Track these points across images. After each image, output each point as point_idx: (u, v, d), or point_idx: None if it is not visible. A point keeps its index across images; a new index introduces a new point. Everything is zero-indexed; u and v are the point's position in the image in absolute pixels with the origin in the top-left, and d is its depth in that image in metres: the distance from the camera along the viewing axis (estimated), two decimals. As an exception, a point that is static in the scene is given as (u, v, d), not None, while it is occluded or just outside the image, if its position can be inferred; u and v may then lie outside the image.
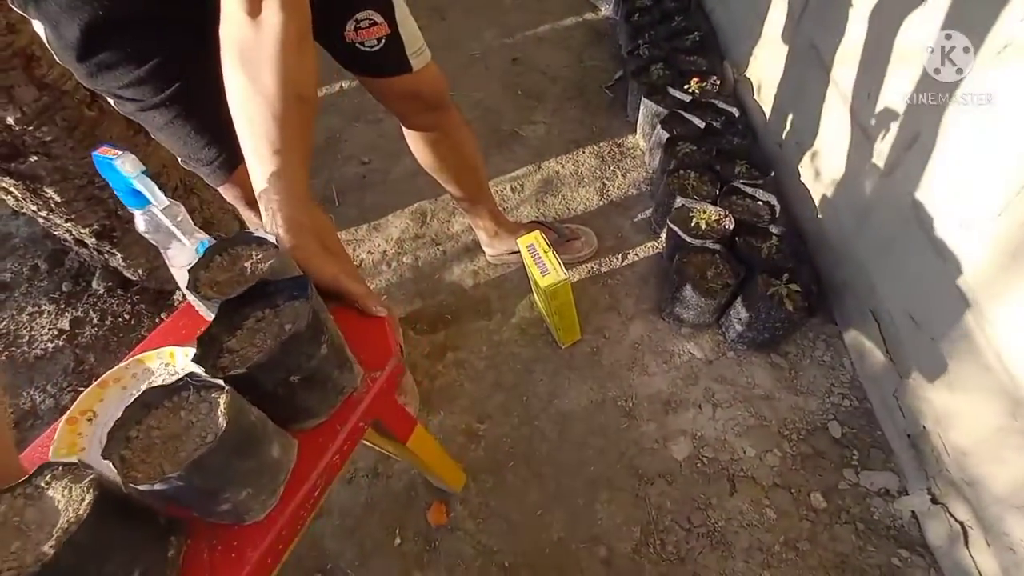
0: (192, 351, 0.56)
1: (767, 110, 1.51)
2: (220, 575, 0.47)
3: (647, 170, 1.59)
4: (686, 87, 1.55)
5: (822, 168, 1.22)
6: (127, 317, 1.38)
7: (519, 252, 1.30)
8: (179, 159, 0.81)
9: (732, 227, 1.18)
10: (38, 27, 0.65)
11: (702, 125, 1.47)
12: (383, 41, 0.85)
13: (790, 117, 1.37)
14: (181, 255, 0.58)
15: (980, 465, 0.81)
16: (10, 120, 1.04)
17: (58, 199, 1.18)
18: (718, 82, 1.60)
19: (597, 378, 1.16)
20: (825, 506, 0.96)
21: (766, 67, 1.52)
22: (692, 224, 1.22)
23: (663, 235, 1.36)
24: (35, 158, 1.11)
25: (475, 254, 1.43)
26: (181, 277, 0.61)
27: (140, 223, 0.55)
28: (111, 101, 0.73)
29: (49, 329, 1.36)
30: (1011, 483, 0.75)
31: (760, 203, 1.30)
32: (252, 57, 0.57)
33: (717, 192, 1.28)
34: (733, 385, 1.12)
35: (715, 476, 1.01)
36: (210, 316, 0.66)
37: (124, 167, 0.49)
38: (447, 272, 1.42)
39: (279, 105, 0.57)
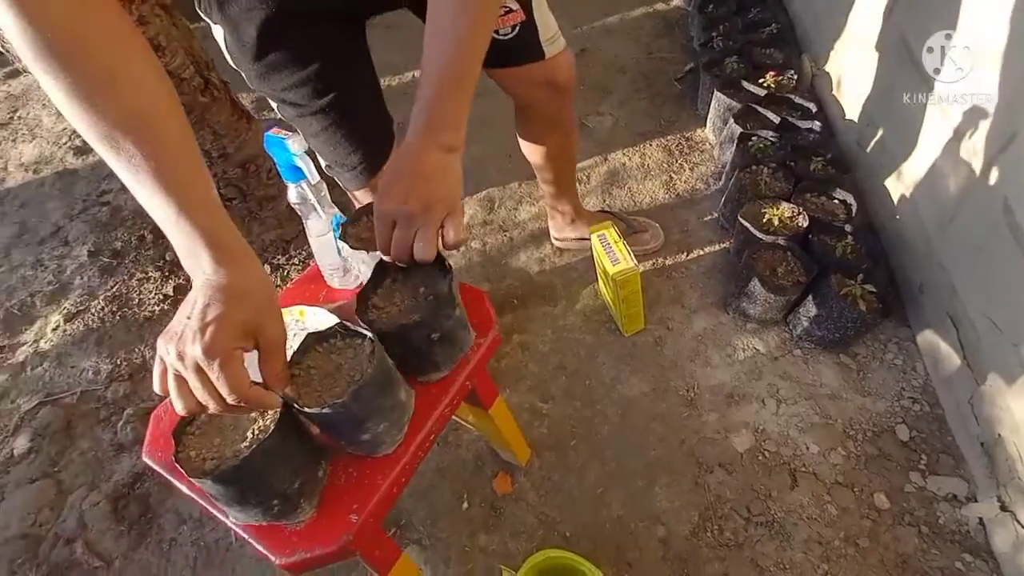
0: (318, 310, 0.64)
1: (846, 106, 1.47)
2: (355, 496, 0.56)
3: (716, 165, 1.58)
4: (761, 81, 1.53)
5: (904, 167, 1.19)
6: (222, 286, 1.52)
7: (587, 239, 1.34)
8: (324, 165, 0.89)
9: (806, 225, 1.18)
10: (217, 32, 0.74)
11: (777, 120, 1.46)
12: (517, 28, 0.83)
13: (872, 114, 1.34)
14: (318, 225, 0.66)
15: (1061, 476, 0.80)
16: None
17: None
18: (795, 76, 1.57)
19: (659, 367, 1.19)
20: (888, 507, 0.97)
21: (848, 61, 1.48)
22: (764, 220, 1.22)
23: (732, 230, 1.37)
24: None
25: (541, 241, 1.48)
26: (314, 243, 0.70)
27: (292, 194, 0.63)
28: (274, 105, 0.82)
29: (155, 293, 1.51)
30: (1095, 496, 0.74)
31: (836, 201, 1.28)
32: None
33: (791, 189, 1.28)
34: (798, 382, 1.13)
35: (776, 469, 1.03)
36: (335, 280, 0.75)
37: (293, 145, 0.57)
38: (514, 258, 1.47)
39: None
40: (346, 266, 0.74)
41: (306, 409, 0.48)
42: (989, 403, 0.94)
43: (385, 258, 0.56)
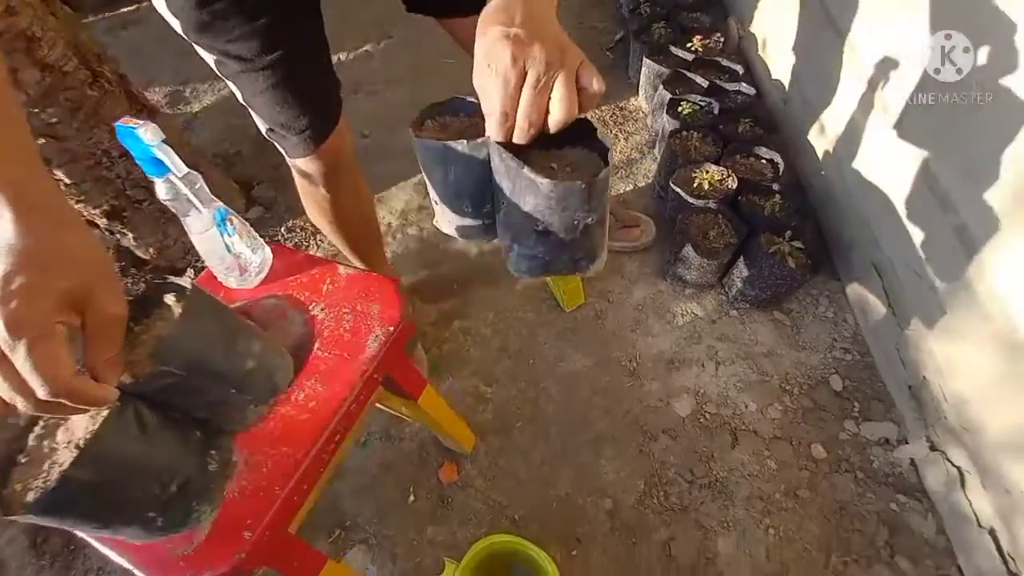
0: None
1: (772, 66, 1.48)
2: (250, 508, 0.52)
3: (650, 133, 1.57)
4: (688, 45, 1.52)
5: (827, 124, 1.20)
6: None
7: None
8: (265, 129, 0.80)
9: (735, 186, 1.18)
10: None
11: (705, 84, 1.45)
12: None
13: (796, 72, 1.34)
14: (198, 222, 0.60)
15: (979, 412, 0.82)
16: (16, 103, 1.06)
17: (67, 181, 1.20)
18: (722, 39, 1.56)
19: (601, 340, 1.18)
20: (825, 456, 0.99)
21: (772, 22, 1.48)
22: (695, 185, 1.21)
23: (668, 198, 1.36)
24: (42, 141, 1.13)
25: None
26: (198, 244, 0.64)
27: (160, 190, 0.57)
28: (212, 62, 0.73)
29: None
30: (1009, 428, 0.77)
31: (764, 161, 1.29)
32: None
33: (720, 151, 1.27)
34: (736, 343, 1.14)
35: (717, 430, 1.04)
36: (231, 280, 0.69)
37: (146, 135, 0.51)
38: (453, 242, 1.43)
39: None
40: (241, 263, 0.69)
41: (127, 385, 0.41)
42: (913, 347, 0.97)
43: (498, 137, 0.44)
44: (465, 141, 0.49)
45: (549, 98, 0.43)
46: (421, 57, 1.90)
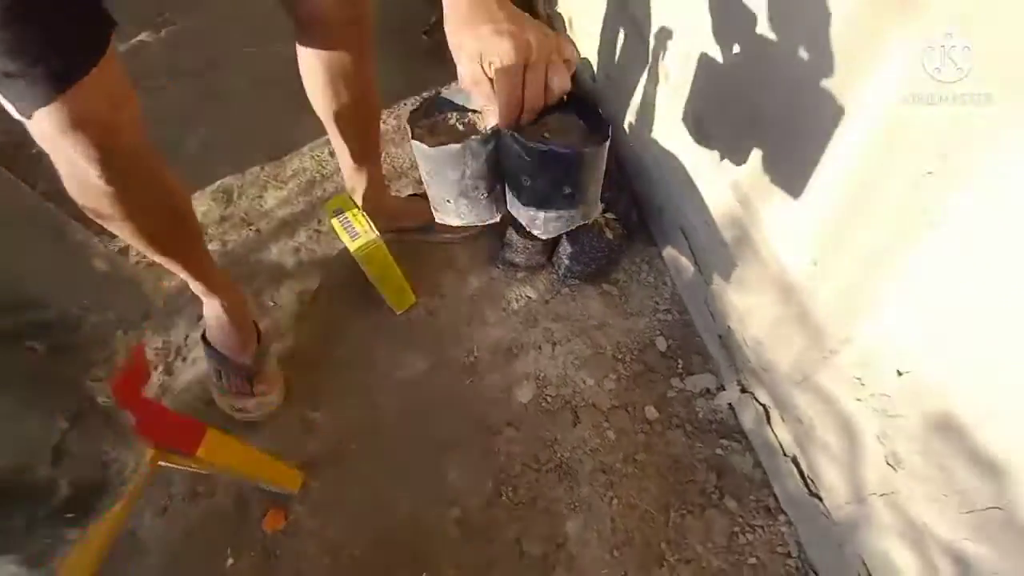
0: None
1: (579, 42, 1.50)
2: None
3: (471, 117, 1.52)
4: (498, 25, 1.49)
5: (627, 96, 1.24)
6: None
7: (405, 231, 1.19)
8: None
9: (548, 164, 1.17)
10: None
11: (516, 64, 1.43)
12: None
13: (600, 50, 1.38)
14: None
15: (770, 352, 0.89)
16: None
17: None
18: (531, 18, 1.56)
19: (436, 339, 1.11)
20: (657, 416, 1.02)
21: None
22: (512, 166, 1.18)
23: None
24: None
25: (294, 229, 1.29)
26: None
27: None
28: None
29: None
30: (791, 363, 0.84)
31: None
32: None
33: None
34: (569, 320, 1.14)
35: (559, 411, 1.03)
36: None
37: None
38: (264, 253, 1.26)
39: None
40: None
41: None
42: (718, 300, 1.03)
43: (510, 125, 0.49)
44: (477, 137, 0.51)
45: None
46: (215, 46, 1.65)
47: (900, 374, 0.61)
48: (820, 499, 0.84)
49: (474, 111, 0.57)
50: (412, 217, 1.22)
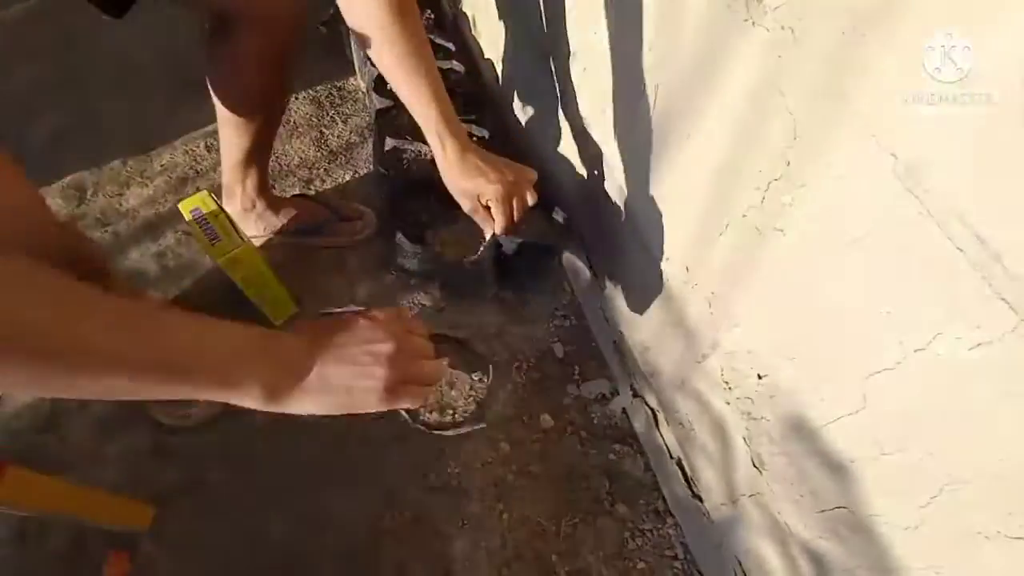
0: None
1: (484, 44, 1.47)
2: None
3: (370, 114, 1.45)
4: (398, 21, 1.43)
5: (528, 99, 1.22)
6: None
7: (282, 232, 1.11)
8: None
9: (443, 165, 1.12)
10: None
11: (416, 61, 1.37)
12: None
13: (504, 50, 1.35)
14: None
15: (656, 356, 0.90)
16: None
17: None
18: (431, 16, 1.51)
19: (320, 351, 1.03)
20: (553, 424, 1.00)
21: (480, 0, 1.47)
22: (406, 166, 1.13)
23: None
24: None
25: (159, 231, 1.15)
26: None
27: None
28: None
29: None
30: (673, 367, 0.84)
31: (474, 139, 1.26)
32: None
33: (429, 130, 1.21)
34: (466, 328, 1.09)
35: (450, 424, 0.98)
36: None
37: None
38: (122, 259, 1.11)
39: None
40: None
41: None
42: (611, 306, 1.03)
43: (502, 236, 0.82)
44: (485, 243, 0.86)
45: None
46: (75, 25, 1.46)
47: (760, 377, 0.62)
48: (701, 500, 0.85)
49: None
50: (299, 219, 1.13)
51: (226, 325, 0.42)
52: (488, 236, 0.84)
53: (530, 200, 0.75)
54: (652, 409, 0.96)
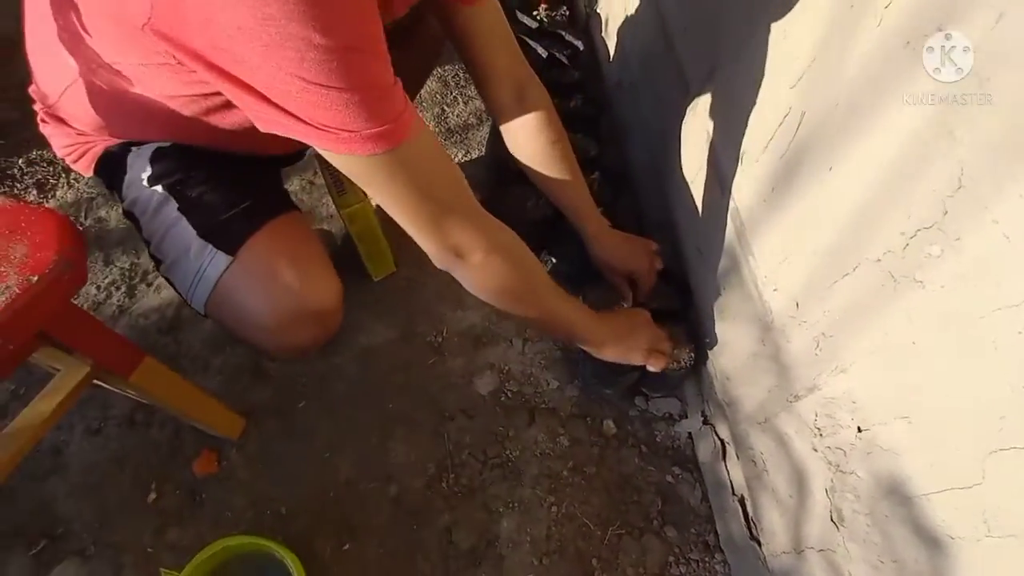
0: None
1: (612, 47, 1.48)
2: None
3: (490, 99, 1.49)
4: (535, 13, 1.47)
5: (646, 106, 1.22)
6: None
7: None
8: None
9: (555, 159, 1.14)
10: None
11: (545, 55, 1.40)
12: None
13: (631, 56, 1.35)
14: None
15: (737, 387, 0.87)
16: None
17: None
18: (567, 12, 1.53)
19: (408, 313, 1.09)
20: (615, 432, 1.00)
21: (616, 4, 1.47)
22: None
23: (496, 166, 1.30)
24: None
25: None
26: None
27: None
28: None
29: None
30: (756, 402, 0.82)
31: (586, 138, 1.27)
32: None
33: (547, 123, 1.23)
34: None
35: (516, 409, 1.00)
36: None
37: None
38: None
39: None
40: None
41: None
42: (699, 326, 1.01)
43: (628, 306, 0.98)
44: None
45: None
46: None
47: (860, 431, 0.59)
48: (759, 544, 0.82)
49: None
50: None
51: (603, 314, 0.84)
52: (627, 306, 0.99)
53: (658, 267, 0.96)
54: (722, 440, 0.94)
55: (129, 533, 0.83)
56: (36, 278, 0.48)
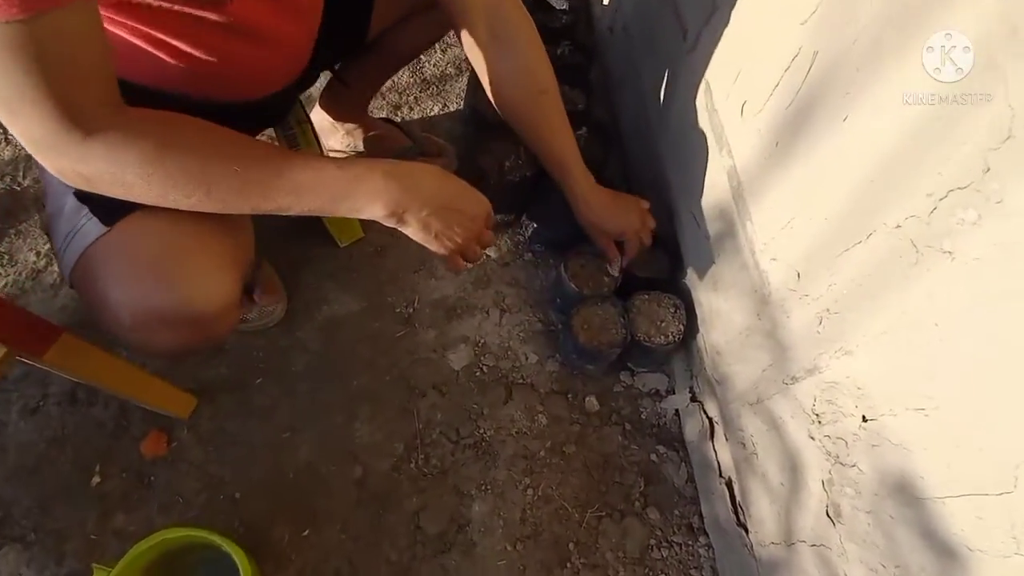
0: None
1: (597, -10, 1.34)
2: None
3: (470, 47, 1.37)
4: (519, -52, 1.32)
5: (638, 53, 1.10)
6: None
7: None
8: None
9: (537, 112, 1.04)
10: None
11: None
12: None
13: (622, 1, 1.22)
14: None
15: (728, 364, 0.80)
16: None
17: None
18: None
19: (377, 281, 1.01)
20: (598, 409, 0.94)
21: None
22: (493, 111, 1.05)
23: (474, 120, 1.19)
24: None
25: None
26: None
27: None
28: None
29: None
30: (748, 380, 0.75)
31: (577, 91, 1.16)
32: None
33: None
34: (526, 288, 1.03)
35: (492, 384, 0.94)
36: None
37: None
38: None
39: None
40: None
41: None
42: (689, 296, 0.93)
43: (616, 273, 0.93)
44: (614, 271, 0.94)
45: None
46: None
47: (865, 420, 0.52)
48: (746, 530, 0.77)
49: None
50: (380, 143, 1.10)
51: (349, 160, 0.56)
52: (615, 272, 0.92)
53: (647, 239, 0.89)
54: (710, 419, 0.88)
55: (70, 520, 0.77)
56: None
